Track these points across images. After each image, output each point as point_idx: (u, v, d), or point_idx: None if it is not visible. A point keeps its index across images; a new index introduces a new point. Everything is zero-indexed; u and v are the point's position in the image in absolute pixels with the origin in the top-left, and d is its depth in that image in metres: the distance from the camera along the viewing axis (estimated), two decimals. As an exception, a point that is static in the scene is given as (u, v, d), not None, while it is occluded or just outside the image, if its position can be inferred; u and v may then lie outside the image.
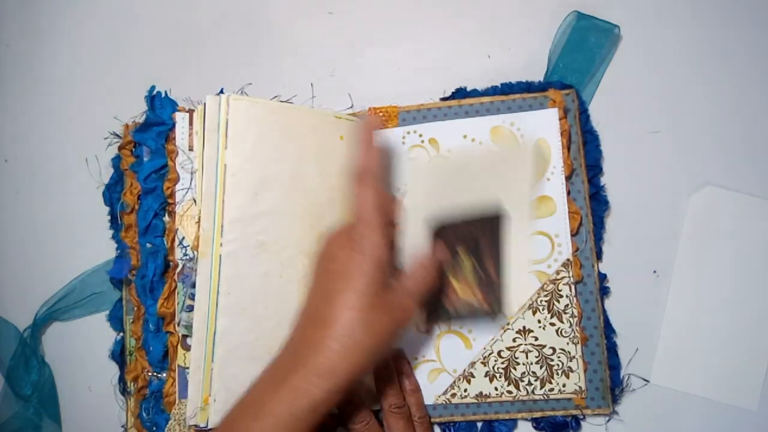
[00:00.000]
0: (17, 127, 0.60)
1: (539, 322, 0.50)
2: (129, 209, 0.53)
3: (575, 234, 0.51)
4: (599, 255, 0.52)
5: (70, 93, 0.59)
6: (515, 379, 0.50)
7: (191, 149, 0.53)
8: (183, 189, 0.52)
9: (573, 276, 0.50)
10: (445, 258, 0.49)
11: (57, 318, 0.56)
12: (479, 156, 0.51)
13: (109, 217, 0.55)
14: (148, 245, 0.53)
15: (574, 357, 0.50)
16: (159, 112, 0.54)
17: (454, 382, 0.51)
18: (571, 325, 0.50)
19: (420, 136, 0.53)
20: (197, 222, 0.51)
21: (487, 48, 0.56)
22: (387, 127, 0.53)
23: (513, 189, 0.50)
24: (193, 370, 0.46)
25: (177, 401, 0.50)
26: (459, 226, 0.50)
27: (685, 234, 0.52)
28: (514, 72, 0.54)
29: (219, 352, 0.46)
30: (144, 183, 0.53)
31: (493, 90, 0.54)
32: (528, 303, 0.51)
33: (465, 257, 0.49)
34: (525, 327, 0.50)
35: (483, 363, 0.51)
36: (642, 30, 0.54)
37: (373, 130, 0.46)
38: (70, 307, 0.56)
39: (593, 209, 0.52)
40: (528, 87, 0.53)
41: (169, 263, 0.52)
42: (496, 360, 0.50)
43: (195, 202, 0.52)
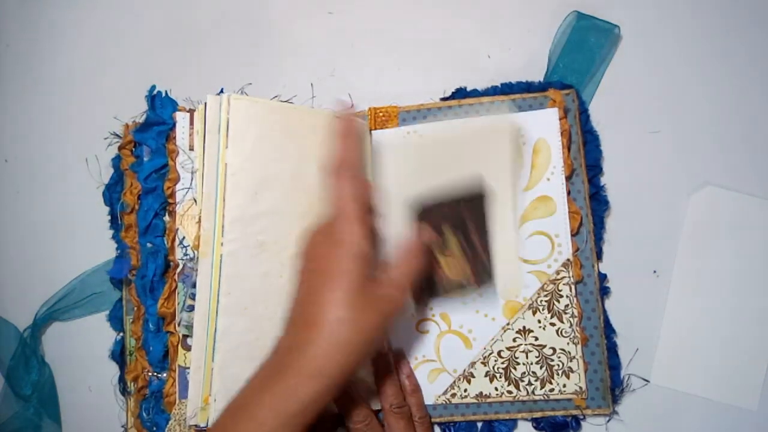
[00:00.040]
0: (17, 127, 0.60)
1: (539, 322, 0.50)
2: (129, 209, 0.53)
3: (575, 234, 0.51)
4: (599, 255, 0.52)
5: (70, 93, 0.59)
6: (515, 379, 0.50)
7: (192, 149, 0.53)
8: (183, 189, 0.52)
9: (573, 276, 0.50)
10: (431, 239, 0.48)
11: (57, 318, 0.56)
12: (455, 134, 0.50)
13: (109, 217, 0.55)
14: (148, 245, 0.53)
15: (574, 357, 0.50)
16: (159, 111, 0.54)
17: (454, 382, 0.51)
18: (572, 325, 0.50)
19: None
20: (198, 222, 0.51)
21: (487, 48, 0.56)
22: (387, 127, 0.53)
23: (493, 163, 0.49)
24: (194, 370, 0.46)
25: (177, 401, 0.50)
26: (443, 205, 0.49)
27: (685, 234, 0.52)
28: (514, 72, 0.54)
29: (219, 351, 0.46)
30: (144, 183, 0.53)
31: (493, 90, 0.54)
32: (528, 303, 0.51)
33: (451, 235, 0.49)
34: (525, 327, 0.50)
35: (483, 363, 0.51)
36: (642, 30, 0.54)
37: (349, 120, 0.46)
38: (70, 307, 0.56)
39: (593, 209, 0.52)
40: (528, 87, 0.53)
41: (170, 263, 0.52)
42: (496, 360, 0.50)
43: (195, 201, 0.52)
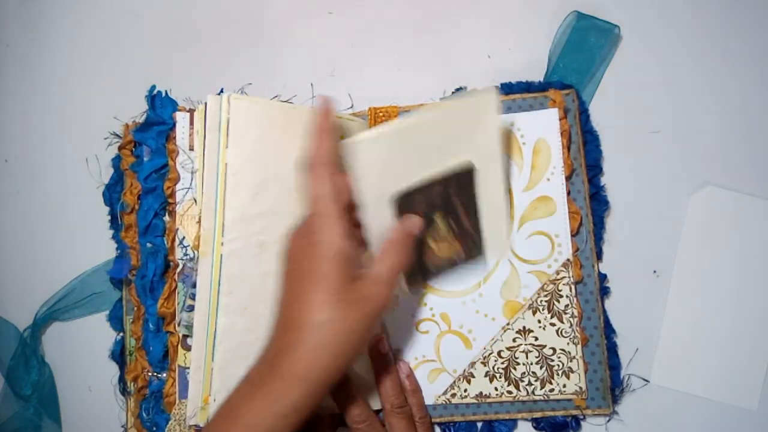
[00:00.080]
0: (17, 127, 0.60)
1: (539, 322, 0.50)
2: (129, 209, 0.53)
3: (575, 234, 0.51)
4: (599, 255, 0.52)
5: (70, 93, 0.59)
6: (515, 380, 0.50)
7: (192, 149, 0.53)
8: (183, 189, 0.52)
9: (573, 276, 0.50)
10: (417, 228, 0.46)
11: (57, 318, 0.56)
12: (428, 117, 0.46)
13: (109, 217, 0.56)
14: (148, 245, 0.53)
15: (574, 357, 0.50)
16: (159, 111, 0.54)
17: (454, 382, 0.51)
18: (572, 326, 0.50)
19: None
20: (198, 222, 0.51)
21: (487, 48, 0.56)
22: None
23: (475, 136, 0.47)
24: (194, 369, 0.46)
25: (177, 401, 0.50)
26: (430, 191, 0.47)
27: (685, 234, 0.52)
28: (514, 72, 0.54)
29: (219, 351, 0.46)
30: (144, 182, 0.53)
31: (493, 90, 0.54)
32: (528, 303, 0.51)
33: (441, 220, 0.48)
34: (525, 327, 0.50)
35: (483, 363, 0.50)
36: (642, 30, 0.54)
37: (326, 115, 0.44)
38: (70, 307, 0.56)
39: (593, 209, 0.52)
40: (528, 87, 0.53)
41: (170, 263, 0.52)
42: (496, 360, 0.50)
43: (195, 201, 0.52)
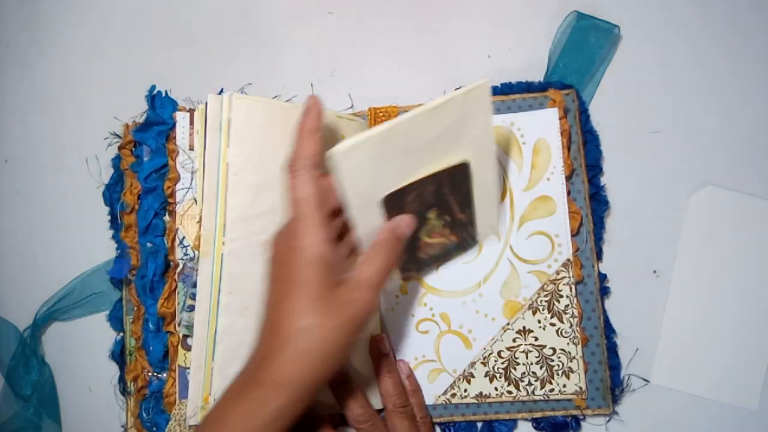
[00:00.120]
0: (17, 127, 0.60)
1: (539, 322, 0.50)
2: (129, 209, 0.53)
3: (575, 234, 0.51)
4: (599, 255, 0.52)
5: (70, 93, 0.59)
6: (515, 380, 0.50)
7: (192, 149, 0.53)
8: (183, 189, 0.52)
9: (573, 276, 0.50)
10: (407, 229, 0.44)
11: (57, 318, 0.56)
12: (419, 117, 0.43)
13: (109, 217, 0.56)
14: (148, 245, 0.53)
15: (574, 357, 0.50)
16: (159, 111, 0.54)
17: (454, 382, 0.51)
18: (572, 326, 0.50)
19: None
20: (198, 222, 0.51)
21: (487, 48, 0.56)
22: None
23: (467, 135, 0.45)
24: (194, 369, 0.46)
25: (177, 401, 0.50)
26: (420, 188, 0.45)
27: (685, 234, 0.52)
28: (514, 72, 0.54)
29: (219, 351, 0.46)
30: (144, 182, 0.53)
31: (493, 90, 0.54)
32: (528, 303, 0.51)
33: (434, 216, 0.47)
34: (525, 327, 0.50)
35: (483, 363, 0.50)
36: (642, 30, 0.54)
37: (313, 116, 0.43)
38: (70, 307, 0.56)
39: (593, 209, 0.52)
40: (528, 87, 0.53)
41: (170, 263, 0.52)
42: (496, 360, 0.50)
43: (195, 201, 0.52)
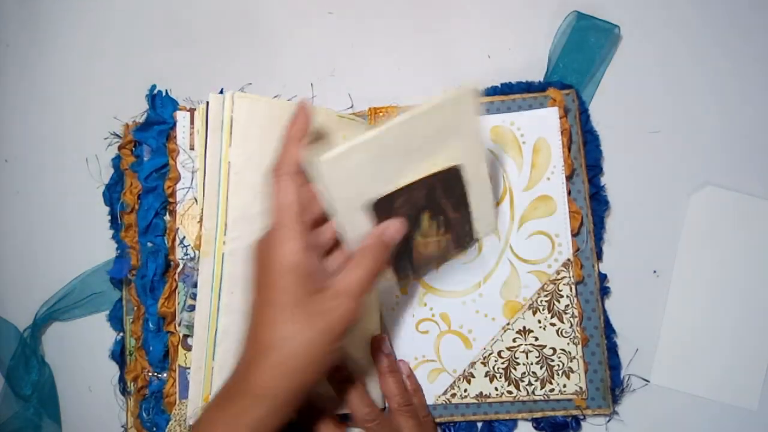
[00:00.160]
0: (17, 127, 0.60)
1: (539, 322, 0.50)
2: (129, 209, 0.53)
3: (576, 234, 0.51)
4: (599, 255, 0.52)
5: (70, 93, 0.59)
6: (515, 380, 0.50)
7: (192, 148, 0.53)
8: (184, 188, 0.52)
9: (573, 276, 0.50)
10: (395, 235, 0.43)
11: (57, 318, 0.56)
12: (405, 122, 0.42)
13: (109, 217, 0.55)
14: (148, 244, 0.53)
15: (574, 357, 0.50)
16: (160, 110, 0.54)
17: (454, 382, 0.51)
18: (572, 326, 0.50)
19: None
20: (198, 221, 0.51)
21: (487, 48, 0.56)
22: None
23: (455, 140, 0.44)
24: (194, 369, 0.46)
25: (177, 401, 0.50)
26: (409, 193, 0.44)
27: (685, 234, 0.52)
28: (514, 72, 0.54)
29: (220, 351, 0.46)
30: (145, 182, 0.53)
31: (493, 90, 0.54)
32: (528, 303, 0.51)
33: (427, 219, 0.46)
34: (525, 327, 0.50)
35: (483, 363, 0.50)
36: (642, 30, 0.54)
37: (302, 120, 0.42)
38: (70, 307, 0.56)
39: (593, 209, 0.52)
40: (528, 87, 0.53)
41: (170, 263, 0.52)
42: (496, 360, 0.50)
43: (196, 201, 0.52)
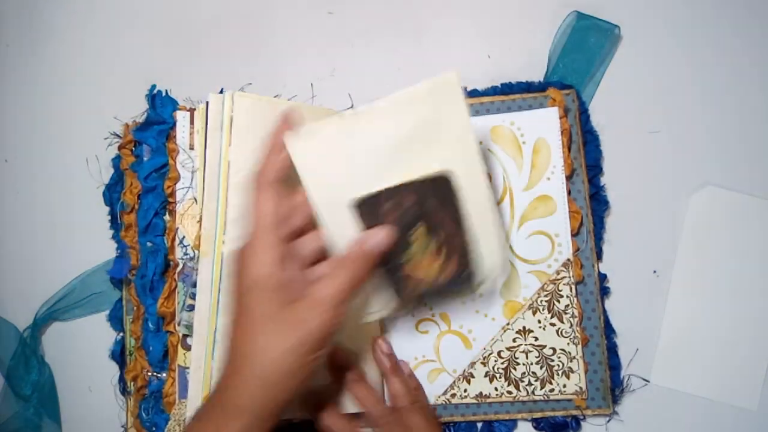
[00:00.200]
0: (17, 127, 0.60)
1: (539, 322, 0.50)
2: (129, 209, 0.53)
3: (576, 234, 0.51)
4: (599, 255, 0.52)
5: (70, 93, 0.59)
6: (515, 380, 0.50)
7: (192, 148, 0.53)
8: (183, 188, 0.52)
9: (573, 276, 0.50)
10: (379, 245, 0.42)
11: (57, 318, 0.56)
12: (382, 109, 0.42)
13: (109, 217, 0.56)
14: (148, 244, 0.53)
15: (574, 357, 0.50)
16: (160, 110, 0.54)
17: (454, 382, 0.51)
18: (572, 326, 0.50)
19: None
20: (198, 221, 0.51)
21: (487, 48, 0.56)
22: None
23: (442, 135, 0.43)
24: (194, 369, 0.46)
25: (177, 401, 0.50)
26: (397, 196, 0.42)
27: (685, 234, 0.52)
28: (514, 72, 0.54)
29: (219, 350, 0.46)
30: (144, 182, 0.53)
31: (493, 90, 0.54)
32: (528, 303, 0.50)
33: (417, 233, 0.43)
34: (525, 327, 0.50)
35: (483, 363, 0.50)
36: (642, 30, 0.54)
37: (286, 128, 0.42)
38: (70, 307, 0.56)
39: (593, 209, 0.52)
40: (528, 87, 0.53)
41: (170, 262, 0.52)
42: (496, 360, 0.50)
43: (195, 201, 0.52)
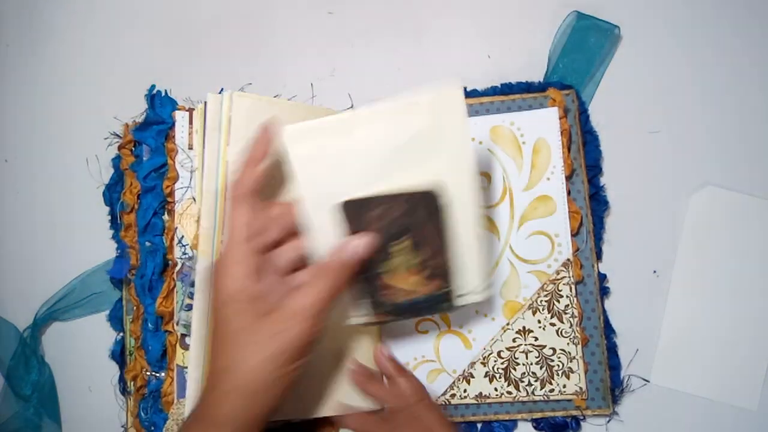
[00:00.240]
0: (17, 127, 0.60)
1: (539, 322, 0.50)
2: (129, 209, 0.53)
3: (575, 234, 0.51)
4: (599, 255, 0.52)
5: (70, 93, 0.59)
6: (515, 380, 0.50)
7: (191, 148, 0.53)
8: (182, 188, 0.52)
9: (573, 276, 0.50)
10: (359, 252, 0.41)
11: (57, 318, 0.56)
12: (380, 113, 0.42)
13: (109, 217, 0.56)
14: (147, 243, 0.53)
15: (574, 358, 0.50)
16: (159, 110, 0.54)
17: (453, 382, 0.51)
18: (572, 326, 0.50)
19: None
20: (197, 221, 0.51)
21: (487, 48, 0.56)
22: None
23: (439, 146, 0.42)
24: (192, 368, 0.46)
25: (175, 401, 0.50)
26: (386, 205, 0.42)
27: (685, 234, 0.52)
28: (514, 72, 0.54)
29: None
30: (144, 181, 0.53)
31: (493, 90, 0.54)
32: (528, 303, 0.50)
33: (400, 244, 0.43)
34: (525, 327, 0.50)
35: (483, 363, 0.50)
36: (642, 30, 0.54)
37: (263, 143, 0.42)
38: (70, 307, 0.56)
39: (593, 209, 0.52)
40: (528, 87, 0.53)
41: (168, 262, 0.52)
42: (495, 360, 0.50)
43: (194, 200, 0.52)
